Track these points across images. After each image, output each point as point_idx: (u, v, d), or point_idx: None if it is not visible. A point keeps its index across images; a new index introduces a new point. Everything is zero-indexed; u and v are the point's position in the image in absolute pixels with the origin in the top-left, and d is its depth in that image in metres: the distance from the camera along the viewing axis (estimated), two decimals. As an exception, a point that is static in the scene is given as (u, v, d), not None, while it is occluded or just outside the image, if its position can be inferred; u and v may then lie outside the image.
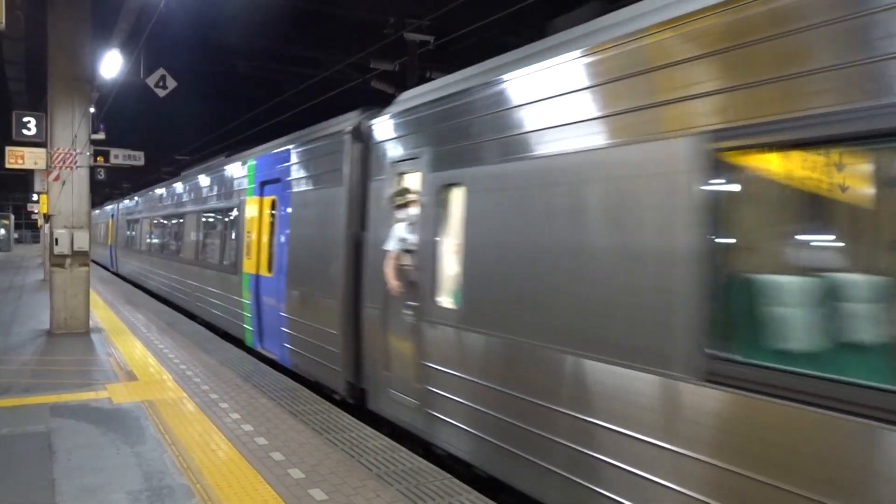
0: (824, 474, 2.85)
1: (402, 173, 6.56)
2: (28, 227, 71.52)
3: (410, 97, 6.76)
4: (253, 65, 16.51)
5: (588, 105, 4.30)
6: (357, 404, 7.27)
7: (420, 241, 6.02)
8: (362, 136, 7.40)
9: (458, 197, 5.56)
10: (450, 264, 5.72)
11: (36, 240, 61.57)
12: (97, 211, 36.55)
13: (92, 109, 13.96)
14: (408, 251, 6.17)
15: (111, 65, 12.72)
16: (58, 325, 11.69)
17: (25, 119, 13.01)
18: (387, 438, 6.06)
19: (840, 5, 2.89)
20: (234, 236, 11.82)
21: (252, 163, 11.18)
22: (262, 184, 10.44)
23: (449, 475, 5.16)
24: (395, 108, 6.91)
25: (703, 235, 3.41)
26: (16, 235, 66.32)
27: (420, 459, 5.52)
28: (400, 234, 6.24)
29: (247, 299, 10.70)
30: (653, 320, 3.68)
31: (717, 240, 3.38)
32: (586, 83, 4.31)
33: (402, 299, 6.18)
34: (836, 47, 2.90)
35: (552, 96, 4.59)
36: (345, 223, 7.46)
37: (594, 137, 4.20)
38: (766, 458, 3.06)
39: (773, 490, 3.01)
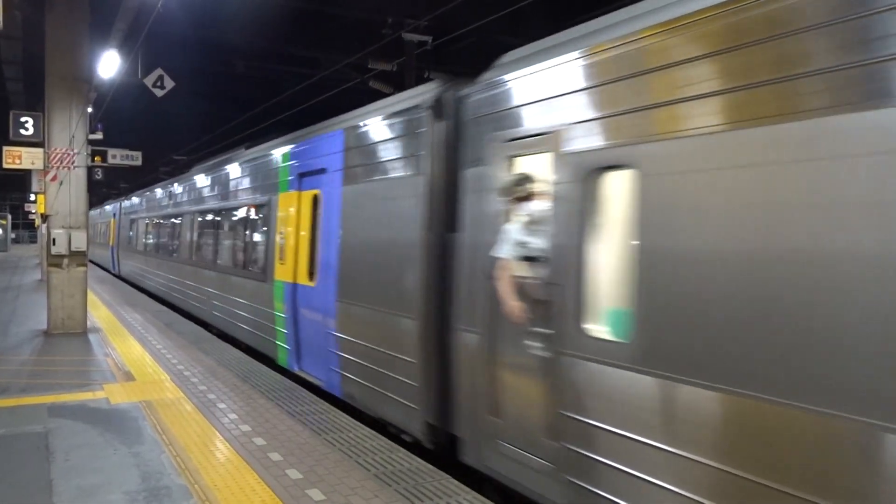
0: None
1: (518, 156, 5.04)
2: (25, 227, 71.46)
3: (528, 55, 5.11)
4: (251, 64, 16.51)
5: None
6: (440, 451, 5.84)
7: (553, 246, 4.47)
8: (447, 112, 5.83)
9: (624, 184, 3.98)
10: (608, 278, 4.19)
11: (33, 240, 61.53)
12: (96, 211, 36.36)
13: (90, 109, 13.95)
14: (529, 258, 4.67)
15: (109, 65, 12.72)
16: (55, 325, 11.67)
17: (23, 119, 13.02)
18: (385, 439, 6.05)
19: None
20: (262, 238, 10.26)
21: (288, 151, 9.54)
22: (301, 176, 8.89)
23: (447, 475, 5.16)
24: (500, 71, 5.30)
25: None
26: (13, 235, 66.24)
27: (418, 459, 5.51)
28: (516, 236, 4.74)
29: (280, 312, 9.21)
30: None
31: None
32: None
33: (524, 324, 4.64)
34: None
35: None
36: (424, 222, 5.90)
37: None
38: None
39: None
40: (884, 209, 2.72)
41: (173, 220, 17.20)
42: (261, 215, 10.49)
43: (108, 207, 32.94)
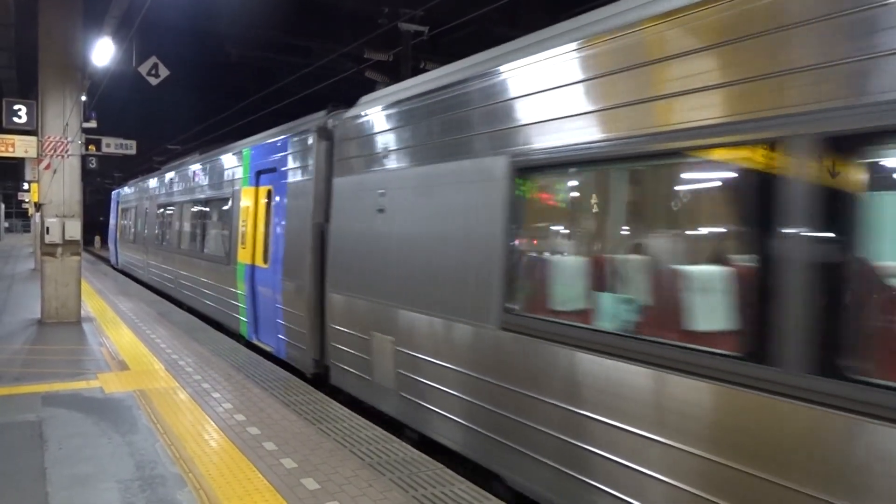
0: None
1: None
2: (19, 215, 71.19)
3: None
4: (245, 54, 16.44)
5: None
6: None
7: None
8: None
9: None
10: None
11: (27, 229, 61.29)
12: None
13: (83, 97, 13.86)
14: None
15: (103, 53, 12.62)
16: (49, 314, 11.64)
17: (16, 107, 12.96)
18: (380, 429, 6.06)
19: None
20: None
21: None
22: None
23: (441, 465, 5.18)
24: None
25: None
26: (6, 224, 65.98)
27: (413, 449, 5.53)
28: None
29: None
30: None
31: None
32: None
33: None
34: None
35: None
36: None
37: None
38: None
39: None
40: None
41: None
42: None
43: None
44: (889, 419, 2.60)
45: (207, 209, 13.32)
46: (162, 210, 17.67)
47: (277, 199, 9.42)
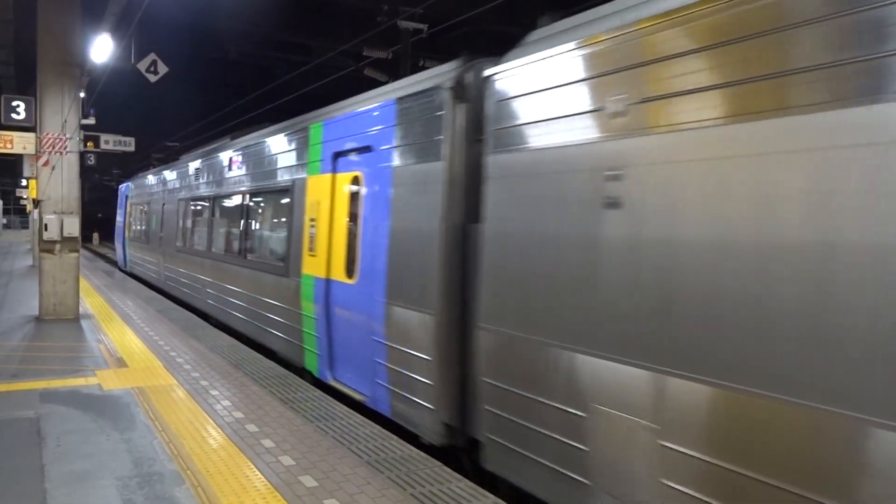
0: None
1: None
2: (17, 212, 71.08)
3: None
4: (244, 51, 16.44)
5: None
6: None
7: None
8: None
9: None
10: None
11: (25, 225, 61.24)
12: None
13: (82, 94, 13.85)
14: None
15: (101, 49, 12.59)
16: (47, 311, 11.63)
17: (14, 103, 12.94)
18: (378, 426, 6.07)
19: None
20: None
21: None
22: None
23: (439, 463, 5.18)
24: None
25: None
26: (4, 221, 65.91)
27: (411, 447, 5.53)
28: None
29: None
30: None
31: None
32: None
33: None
34: None
35: None
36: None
37: None
38: None
39: None
40: None
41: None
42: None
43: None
44: None
45: (252, 205, 10.85)
46: (185, 206, 14.94)
47: (372, 189, 6.83)
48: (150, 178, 19.53)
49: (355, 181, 7.25)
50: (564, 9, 5.54)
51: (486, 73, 5.34)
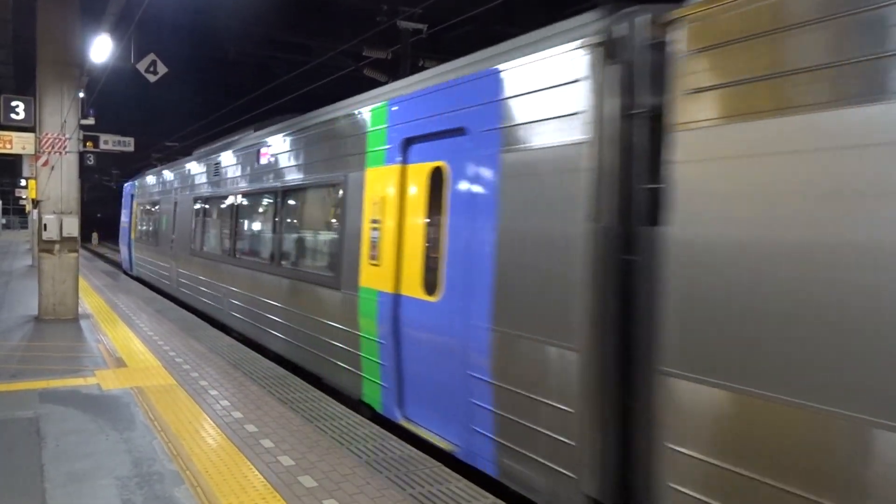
0: None
1: None
2: (16, 212, 71.06)
3: None
4: (243, 51, 16.45)
5: None
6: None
7: None
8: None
9: None
10: None
11: (24, 225, 61.22)
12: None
13: (81, 94, 13.85)
14: None
15: (101, 49, 12.59)
16: (46, 311, 11.63)
17: (14, 103, 12.93)
18: (376, 427, 6.07)
19: None
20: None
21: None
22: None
23: (438, 463, 5.18)
24: None
25: None
26: (3, 221, 65.89)
27: (410, 448, 5.53)
28: None
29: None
30: None
31: None
32: None
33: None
34: None
35: None
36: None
37: None
38: None
39: None
40: None
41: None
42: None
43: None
44: None
45: (288, 204, 9.29)
46: (204, 206, 13.23)
47: (465, 182, 5.34)
48: (162, 175, 17.60)
49: (436, 173, 5.78)
50: (564, 8, 5.52)
51: (624, 28, 4.02)
